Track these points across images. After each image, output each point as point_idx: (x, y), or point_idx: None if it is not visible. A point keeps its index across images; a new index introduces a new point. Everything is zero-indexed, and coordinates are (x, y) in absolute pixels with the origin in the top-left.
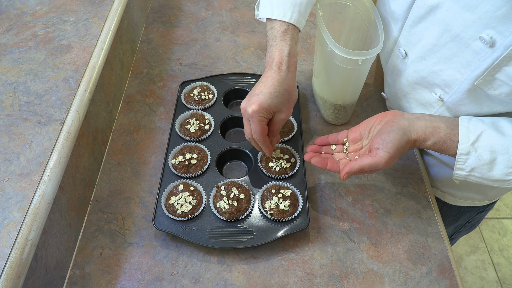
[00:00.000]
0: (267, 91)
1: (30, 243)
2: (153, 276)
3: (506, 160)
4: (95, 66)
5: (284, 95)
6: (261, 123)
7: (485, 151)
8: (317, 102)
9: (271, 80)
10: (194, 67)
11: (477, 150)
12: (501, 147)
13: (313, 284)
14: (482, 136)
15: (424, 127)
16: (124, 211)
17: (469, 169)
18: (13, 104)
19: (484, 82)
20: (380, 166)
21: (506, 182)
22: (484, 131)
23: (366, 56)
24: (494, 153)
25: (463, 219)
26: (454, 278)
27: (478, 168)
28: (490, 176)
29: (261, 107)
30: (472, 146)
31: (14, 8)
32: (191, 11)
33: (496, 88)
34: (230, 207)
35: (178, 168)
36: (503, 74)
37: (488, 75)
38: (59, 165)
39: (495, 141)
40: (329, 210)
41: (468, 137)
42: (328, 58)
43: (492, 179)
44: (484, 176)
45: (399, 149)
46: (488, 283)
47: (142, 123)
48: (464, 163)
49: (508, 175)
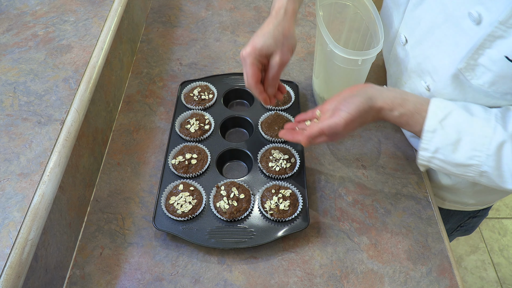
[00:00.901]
0: (261, 33)
1: (30, 243)
2: (153, 276)
3: (471, 141)
4: (95, 66)
5: (278, 37)
6: (253, 67)
7: (452, 130)
8: (317, 102)
9: (267, 24)
10: (194, 67)
11: (444, 128)
12: (468, 127)
13: (313, 284)
14: (451, 114)
15: (392, 97)
16: (124, 211)
17: (433, 149)
18: (13, 104)
19: (467, 67)
20: (340, 128)
21: (467, 168)
22: (454, 110)
23: (366, 56)
24: (460, 133)
25: (453, 222)
26: (454, 278)
27: (443, 148)
28: (453, 159)
29: (253, 48)
30: (439, 123)
31: (14, 8)
32: (191, 11)
33: (479, 76)
34: (230, 207)
35: (178, 168)
36: (485, 58)
37: (471, 59)
38: (59, 165)
39: (462, 121)
40: (329, 210)
41: (437, 113)
42: (328, 58)
43: (455, 163)
44: (447, 158)
45: (361, 113)
46: (488, 283)
47: (142, 123)
48: (430, 141)
49: (471, 158)
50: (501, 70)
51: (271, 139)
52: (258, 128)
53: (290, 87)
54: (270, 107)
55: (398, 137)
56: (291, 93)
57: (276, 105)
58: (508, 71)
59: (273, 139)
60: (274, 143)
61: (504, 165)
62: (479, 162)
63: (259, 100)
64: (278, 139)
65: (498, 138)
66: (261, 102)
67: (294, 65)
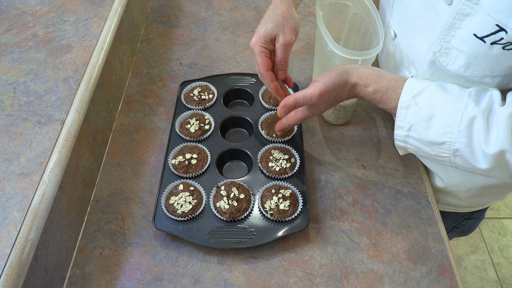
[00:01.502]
0: (262, 22)
1: (30, 243)
2: (153, 276)
3: (443, 117)
4: (95, 66)
5: (278, 20)
6: (261, 54)
7: (425, 106)
8: None
9: (267, 12)
10: (194, 67)
11: (417, 104)
12: (440, 104)
13: (313, 284)
14: (425, 90)
15: (367, 74)
16: (124, 211)
17: (407, 126)
18: (13, 104)
19: (441, 50)
20: (314, 98)
21: (441, 147)
22: (428, 86)
23: (366, 56)
24: (433, 109)
25: (448, 223)
26: (454, 278)
27: (416, 125)
28: (427, 136)
29: (258, 36)
30: (413, 99)
31: (14, 8)
32: (191, 11)
33: (454, 60)
34: (230, 207)
35: (178, 168)
36: (456, 39)
37: (444, 41)
38: (59, 165)
39: (436, 97)
40: (329, 210)
41: (411, 89)
42: (328, 58)
43: (428, 141)
44: (421, 136)
45: (336, 85)
46: (488, 283)
47: (142, 123)
48: (404, 119)
49: (443, 135)
50: (472, 50)
51: (271, 139)
52: (258, 128)
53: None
54: (270, 107)
55: None
56: (291, 93)
57: (276, 105)
58: (478, 50)
59: (273, 139)
60: (274, 143)
61: (475, 142)
62: (451, 139)
63: (272, 92)
64: (278, 139)
65: (469, 113)
66: (261, 102)
67: (294, 65)
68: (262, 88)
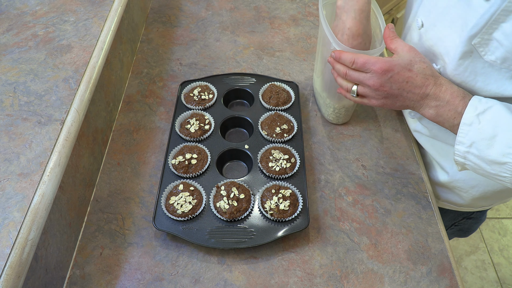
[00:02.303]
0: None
1: (30, 243)
2: (153, 276)
3: (506, 138)
4: (95, 66)
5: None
6: None
7: (488, 125)
8: (317, 101)
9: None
10: (194, 67)
11: (481, 122)
12: (505, 124)
13: (313, 284)
14: (490, 109)
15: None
16: (124, 211)
17: (469, 143)
18: (13, 104)
19: (482, 42)
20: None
21: (502, 167)
22: (494, 105)
23: None
24: (497, 128)
25: (446, 220)
26: (454, 278)
27: (478, 143)
28: (488, 154)
29: None
30: (477, 117)
31: (14, 8)
32: (191, 11)
33: (493, 51)
34: (230, 207)
35: (178, 168)
36: (500, 32)
37: (485, 33)
38: (59, 165)
39: (501, 117)
40: (329, 210)
41: (476, 107)
42: None
43: (489, 159)
44: (481, 154)
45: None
46: (488, 283)
47: (142, 123)
48: (466, 135)
49: (506, 156)
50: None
51: (271, 139)
52: (258, 128)
53: (290, 87)
54: (270, 107)
55: (398, 137)
56: (291, 93)
57: (276, 105)
58: None
59: (273, 139)
60: (274, 143)
61: None
62: None
63: None
64: (278, 139)
65: None
66: (261, 102)
67: (294, 65)
68: (262, 88)
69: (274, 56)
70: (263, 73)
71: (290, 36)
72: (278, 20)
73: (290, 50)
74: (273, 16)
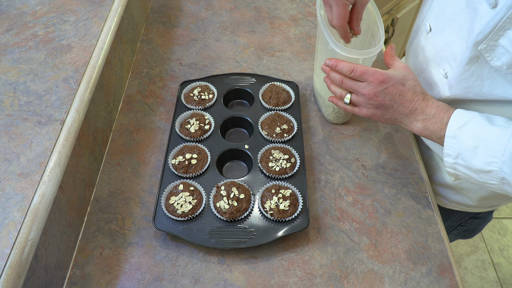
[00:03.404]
0: None
1: (30, 243)
2: (153, 276)
3: (487, 147)
4: (95, 66)
5: None
6: (345, 8)
7: (469, 136)
8: (317, 101)
9: None
10: (194, 67)
11: (463, 135)
12: (484, 135)
13: (313, 284)
14: (471, 122)
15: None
16: (124, 211)
17: (455, 154)
18: (13, 104)
19: (488, 48)
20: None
21: (489, 175)
22: (474, 117)
23: (367, 55)
24: (477, 139)
25: (453, 220)
26: (454, 278)
27: (463, 154)
28: (473, 164)
29: None
30: (459, 129)
31: (14, 8)
32: (191, 11)
33: (498, 57)
34: (230, 207)
35: (178, 168)
36: (506, 39)
37: (491, 40)
38: (59, 165)
39: (480, 128)
40: (329, 210)
41: (458, 120)
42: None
43: (476, 169)
44: (468, 164)
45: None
46: (488, 283)
47: (142, 123)
48: (451, 147)
49: (489, 164)
50: None
51: (271, 139)
52: (258, 128)
53: (290, 87)
54: (270, 107)
55: (398, 137)
56: (291, 93)
57: (276, 105)
58: None
59: (273, 139)
60: (274, 143)
61: None
62: (496, 168)
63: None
64: (278, 139)
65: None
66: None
67: (294, 65)
68: (262, 88)
69: (274, 56)
70: (263, 73)
71: (290, 36)
72: (278, 20)
73: (290, 50)
74: (273, 16)
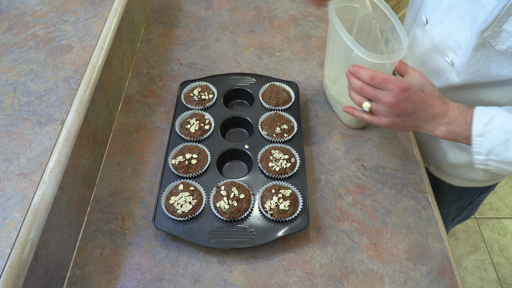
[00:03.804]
0: None
1: (30, 243)
2: (153, 276)
3: None
4: (95, 66)
5: None
6: None
7: (499, 132)
8: (334, 107)
9: None
10: (194, 67)
11: (491, 131)
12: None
13: (313, 284)
14: (496, 117)
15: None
16: (124, 211)
17: (486, 151)
18: (13, 104)
19: (492, 34)
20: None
21: None
22: (497, 113)
23: (394, 59)
24: (507, 133)
25: (465, 199)
26: (454, 278)
27: (495, 149)
28: (507, 157)
29: None
30: (485, 126)
31: (14, 8)
32: (191, 11)
33: (504, 41)
34: (230, 207)
35: (178, 168)
36: (509, 24)
37: (496, 26)
38: (59, 165)
39: (508, 122)
40: (329, 210)
41: (482, 117)
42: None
43: (509, 161)
44: (501, 158)
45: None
46: (488, 283)
47: (142, 123)
48: (481, 145)
49: None
50: None
51: (271, 139)
52: (258, 128)
53: (290, 87)
54: (270, 107)
55: (398, 137)
56: (291, 93)
57: (276, 105)
58: None
59: (273, 139)
60: (274, 143)
61: None
62: None
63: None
64: (278, 139)
65: None
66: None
67: (294, 65)
68: (262, 88)
69: (274, 56)
70: (263, 73)
71: (290, 36)
72: (278, 20)
73: (290, 50)
74: (273, 16)
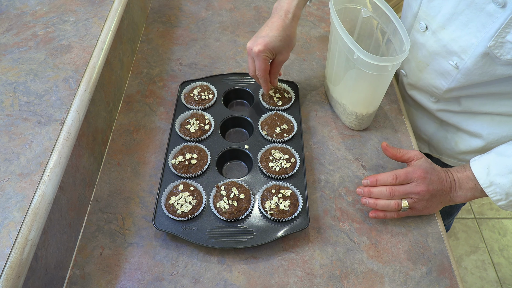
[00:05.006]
0: (272, 35)
1: (30, 243)
2: (153, 276)
3: None
4: (95, 66)
5: (286, 40)
6: (265, 62)
7: (502, 178)
8: (335, 109)
9: (277, 25)
10: (194, 67)
11: (496, 179)
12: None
13: (313, 284)
14: (491, 165)
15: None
16: (124, 211)
17: (504, 196)
18: (13, 104)
19: (496, 44)
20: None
21: None
22: (492, 160)
23: (396, 62)
24: (510, 174)
25: None
26: (454, 278)
27: (510, 191)
28: None
29: (266, 48)
30: (488, 177)
31: (14, 8)
32: (191, 11)
33: (507, 52)
34: (230, 207)
35: (178, 168)
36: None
37: (499, 37)
38: (59, 165)
39: (505, 166)
40: (329, 210)
41: (480, 171)
42: (353, 66)
43: None
44: None
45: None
46: (488, 283)
47: (142, 123)
48: (496, 193)
49: None
50: None
51: (271, 139)
52: (258, 128)
53: (290, 87)
54: (270, 107)
55: (398, 137)
56: (291, 93)
57: (276, 105)
58: None
59: (273, 139)
60: (274, 143)
61: None
62: None
63: (263, 88)
64: (278, 139)
65: None
66: (261, 102)
67: (294, 65)
68: (262, 88)
69: None
70: None
71: None
72: None
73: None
74: None
